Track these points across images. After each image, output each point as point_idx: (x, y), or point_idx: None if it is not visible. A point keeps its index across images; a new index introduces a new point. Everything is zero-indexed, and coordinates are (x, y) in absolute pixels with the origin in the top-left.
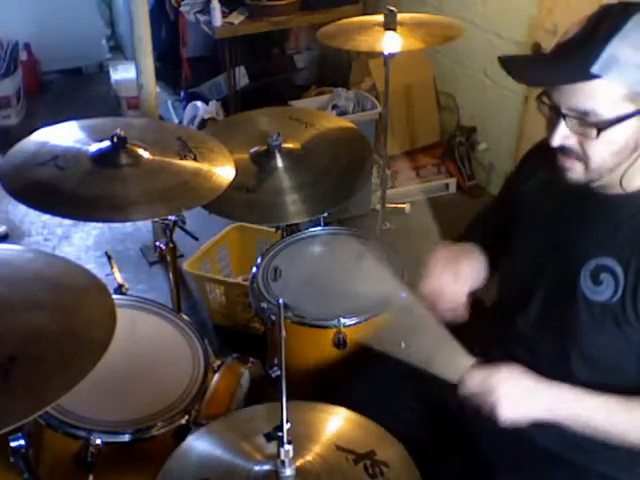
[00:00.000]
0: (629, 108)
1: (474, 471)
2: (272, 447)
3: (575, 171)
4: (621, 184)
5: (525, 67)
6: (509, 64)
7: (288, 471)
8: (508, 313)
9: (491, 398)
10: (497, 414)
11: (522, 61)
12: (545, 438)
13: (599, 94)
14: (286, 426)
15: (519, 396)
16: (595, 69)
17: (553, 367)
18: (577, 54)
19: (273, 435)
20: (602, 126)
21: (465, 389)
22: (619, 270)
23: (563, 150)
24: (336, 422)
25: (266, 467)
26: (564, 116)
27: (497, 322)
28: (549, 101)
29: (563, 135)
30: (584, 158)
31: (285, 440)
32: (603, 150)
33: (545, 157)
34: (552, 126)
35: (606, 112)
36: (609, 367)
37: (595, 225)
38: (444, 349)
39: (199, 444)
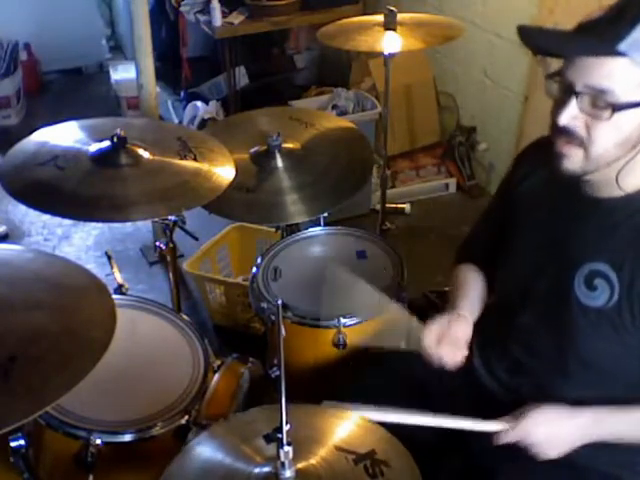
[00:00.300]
0: None
1: (474, 471)
2: (272, 449)
3: (573, 159)
4: (617, 181)
5: (547, 38)
6: (529, 33)
7: (288, 473)
8: (507, 313)
9: (533, 449)
10: (542, 457)
11: (544, 33)
12: None
13: (620, 74)
14: (285, 427)
15: (557, 438)
16: (622, 47)
17: (551, 368)
18: (604, 31)
19: (272, 437)
20: (617, 107)
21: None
22: (613, 275)
23: (567, 133)
24: (336, 423)
25: (266, 469)
26: (577, 94)
27: (496, 321)
28: (563, 79)
29: (572, 114)
30: (587, 143)
31: (284, 441)
32: (608, 136)
33: (542, 156)
34: (561, 106)
35: (623, 94)
36: (607, 370)
37: (589, 228)
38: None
39: (200, 448)
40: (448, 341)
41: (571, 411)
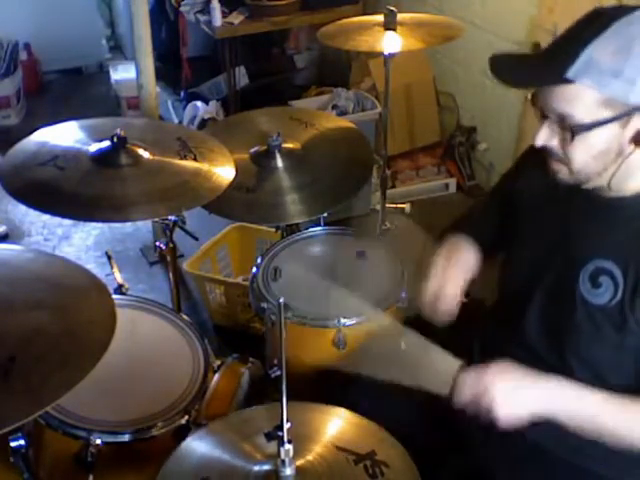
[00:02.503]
0: (606, 114)
1: (474, 471)
2: (272, 447)
3: (562, 172)
4: (610, 187)
5: (510, 68)
6: (496, 65)
7: (288, 470)
8: (508, 314)
9: (485, 399)
10: (494, 415)
11: (508, 62)
12: (545, 440)
13: (575, 98)
14: (286, 425)
15: (514, 391)
16: (570, 74)
17: (553, 370)
18: (556, 57)
19: (273, 434)
20: (577, 130)
21: (458, 396)
22: (618, 273)
23: (547, 151)
24: (336, 422)
25: (266, 467)
26: (545, 118)
27: (497, 323)
28: (536, 102)
29: (545, 136)
30: (566, 161)
31: (285, 439)
32: (583, 153)
33: (542, 160)
34: (538, 128)
35: (583, 117)
36: (604, 372)
37: (594, 227)
38: (434, 362)
39: (199, 444)
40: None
41: (536, 375)
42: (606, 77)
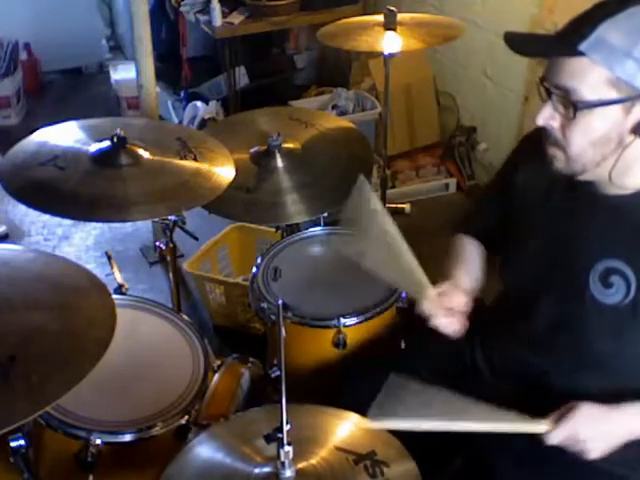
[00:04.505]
0: (611, 94)
1: (474, 471)
2: (272, 449)
3: (558, 160)
4: (610, 179)
5: (524, 41)
6: (511, 38)
7: (288, 472)
8: (513, 313)
9: (579, 447)
10: (590, 455)
11: (523, 36)
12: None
13: (583, 73)
14: (286, 427)
15: (605, 434)
16: (582, 47)
17: (560, 369)
18: (570, 33)
19: (273, 437)
20: (581, 106)
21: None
22: (629, 272)
23: (546, 134)
24: (336, 423)
25: (266, 469)
26: (550, 95)
27: (500, 321)
28: (543, 82)
29: (547, 114)
30: (563, 144)
31: (285, 441)
32: (582, 137)
33: (543, 158)
34: (541, 107)
35: (588, 93)
36: (619, 372)
37: (598, 226)
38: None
39: (200, 448)
40: (443, 311)
41: (613, 407)
42: (617, 56)
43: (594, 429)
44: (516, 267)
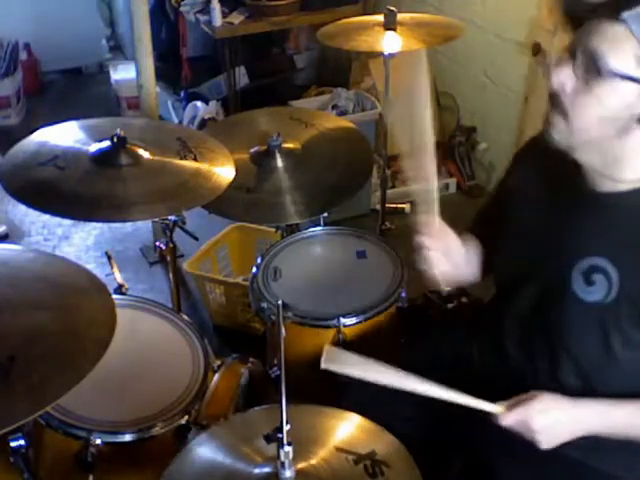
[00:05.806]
0: (637, 72)
1: (475, 471)
2: (272, 449)
3: (557, 129)
4: (605, 168)
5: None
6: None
7: (288, 473)
8: (500, 310)
9: (530, 435)
10: (540, 445)
11: None
12: None
13: (616, 40)
14: (286, 427)
15: (556, 428)
16: (625, 14)
17: (542, 366)
18: (616, 1)
19: (273, 437)
20: (604, 72)
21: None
22: (612, 271)
23: (553, 99)
24: (336, 423)
25: (266, 469)
26: (575, 57)
27: (491, 319)
28: (570, 46)
29: (564, 76)
30: (570, 114)
31: (285, 441)
32: (591, 109)
33: (540, 152)
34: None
35: (615, 63)
36: (597, 372)
37: (588, 224)
38: None
39: (200, 448)
40: (440, 244)
41: (573, 401)
42: None
43: (546, 421)
44: (503, 263)
